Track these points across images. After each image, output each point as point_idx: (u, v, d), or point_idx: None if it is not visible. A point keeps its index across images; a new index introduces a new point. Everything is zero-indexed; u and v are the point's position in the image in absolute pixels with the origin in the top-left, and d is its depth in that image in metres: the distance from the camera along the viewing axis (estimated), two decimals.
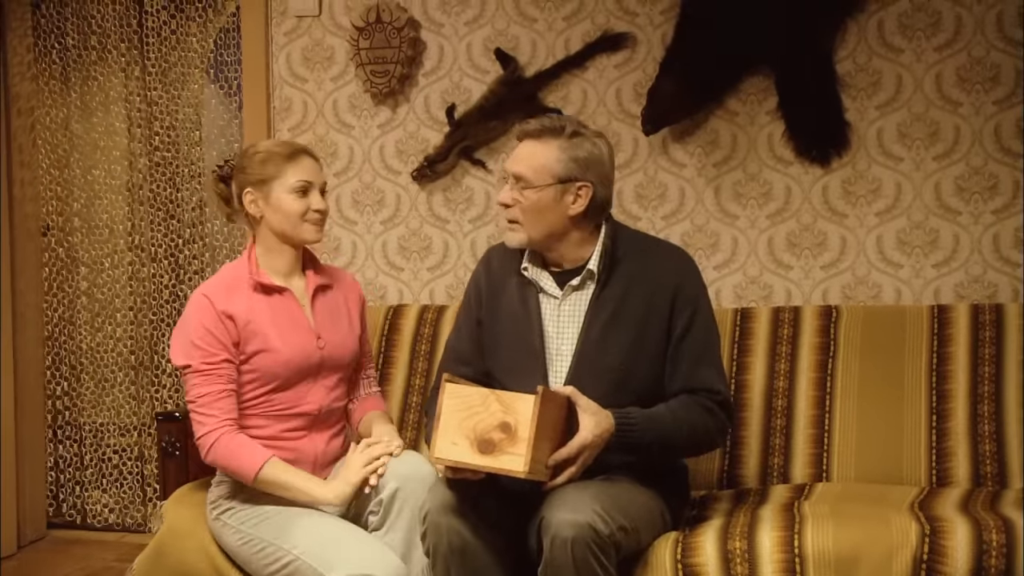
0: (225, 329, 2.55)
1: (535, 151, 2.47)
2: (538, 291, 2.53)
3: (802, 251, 3.30)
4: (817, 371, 2.97)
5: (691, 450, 2.57)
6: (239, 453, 2.50)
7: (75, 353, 4.44)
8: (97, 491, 4.42)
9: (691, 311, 2.49)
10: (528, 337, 2.50)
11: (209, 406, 2.52)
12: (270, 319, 2.59)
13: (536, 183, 2.45)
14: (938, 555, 2.30)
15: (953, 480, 2.79)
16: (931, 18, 3.17)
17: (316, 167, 2.66)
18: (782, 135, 3.28)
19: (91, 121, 4.41)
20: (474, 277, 2.70)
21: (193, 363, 2.54)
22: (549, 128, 2.47)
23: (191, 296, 2.65)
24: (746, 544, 2.38)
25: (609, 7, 3.41)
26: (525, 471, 2.16)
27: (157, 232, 4.31)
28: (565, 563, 2.18)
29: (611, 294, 2.48)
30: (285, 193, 2.60)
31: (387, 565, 2.38)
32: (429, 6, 3.59)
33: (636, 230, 2.73)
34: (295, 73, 3.74)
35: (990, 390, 2.84)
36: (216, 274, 2.73)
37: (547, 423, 2.22)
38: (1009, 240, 3.14)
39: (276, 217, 2.61)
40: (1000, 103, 3.13)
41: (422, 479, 2.45)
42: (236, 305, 2.58)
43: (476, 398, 2.24)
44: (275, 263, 2.66)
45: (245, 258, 2.68)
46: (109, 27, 4.30)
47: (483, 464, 2.20)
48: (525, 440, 2.17)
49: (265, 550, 2.49)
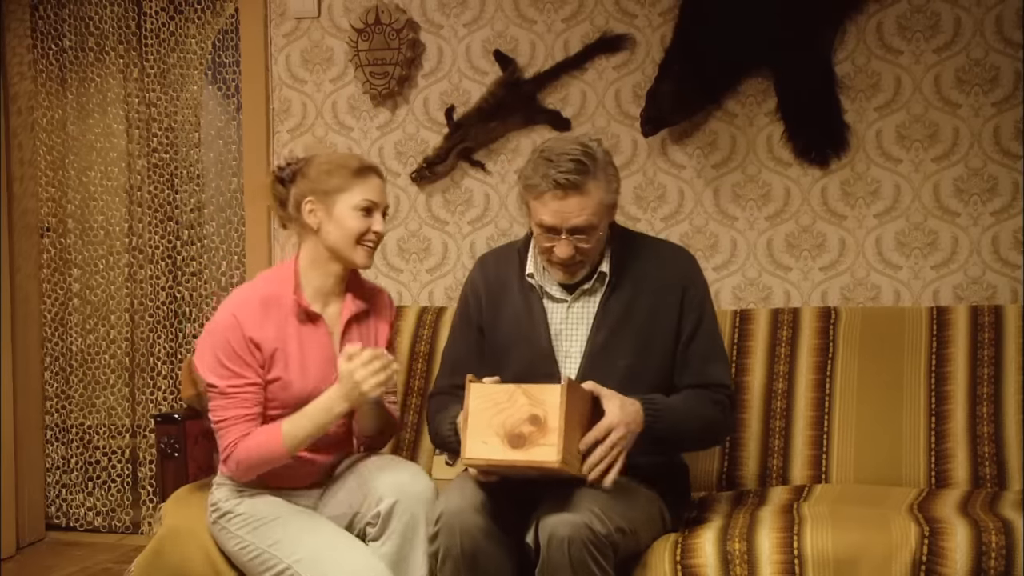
0: (251, 354, 2.49)
1: (583, 202, 2.37)
2: (541, 296, 2.53)
3: (801, 252, 3.30)
4: (816, 372, 2.97)
5: (700, 442, 2.59)
6: (259, 445, 2.46)
7: (67, 355, 4.43)
8: (82, 494, 4.40)
9: (699, 311, 2.51)
10: (537, 341, 2.49)
11: (229, 429, 2.49)
12: (297, 348, 2.53)
13: (600, 224, 2.42)
14: (937, 557, 2.30)
15: (952, 481, 2.79)
16: (930, 20, 3.17)
17: (382, 188, 2.59)
18: (781, 137, 3.28)
19: (88, 122, 4.41)
20: (470, 285, 2.66)
21: (219, 384, 2.49)
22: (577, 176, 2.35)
23: (223, 305, 2.56)
24: (745, 546, 2.37)
25: (608, 9, 3.42)
26: (559, 460, 2.13)
27: (155, 234, 4.31)
28: (562, 563, 2.17)
29: (620, 296, 2.48)
30: (349, 209, 2.52)
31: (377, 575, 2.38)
32: (428, 8, 3.59)
33: (636, 231, 2.74)
34: (294, 75, 3.74)
35: (989, 392, 2.84)
36: (251, 285, 2.63)
37: (575, 413, 2.20)
38: (1008, 241, 3.14)
39: (335, 232, 2.53)
40: (999, 105, 3.13)
41: (418, 492, 2.45)
42: (266, 331, 2.50)
43: (502, 394, 2.22)
44: (317, 280, 2.58)
45: (287, 272, 2.60)
46: (107, 28, 4.30)
47: (516, 459, 2.17)
48: (556, 430, 2.14)
49: (260, 556, 2.48)
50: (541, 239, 2.44)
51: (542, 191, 2.37)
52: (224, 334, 2.49)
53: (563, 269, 2.46)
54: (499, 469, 2.24)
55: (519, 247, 2.62)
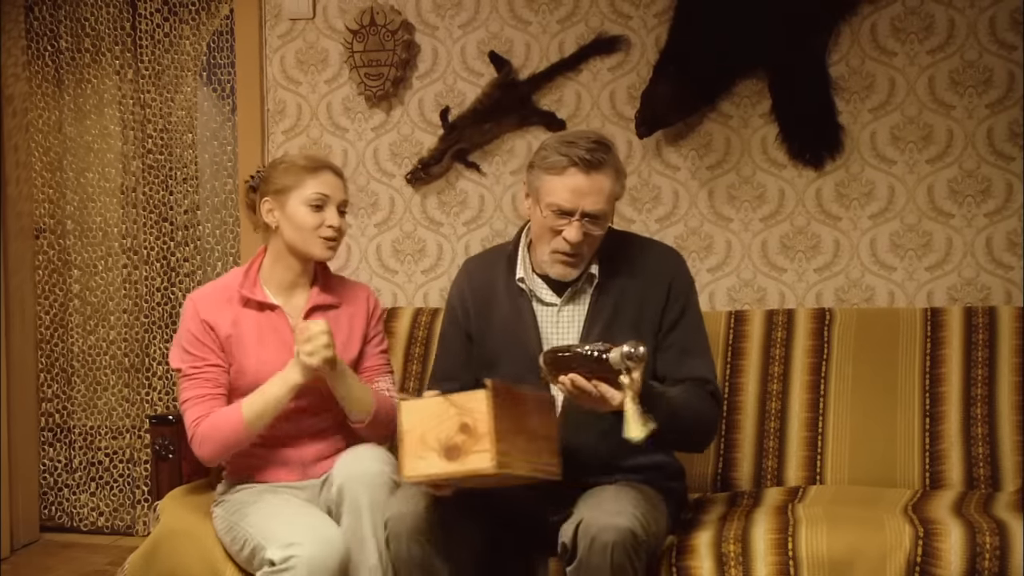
0: (208, 335, 2.61)
1: (601, 183, 2.35)
2: (531, 300, 2.50)
3: (796, 254, 3.31)
4: (811, 374, 2.98)
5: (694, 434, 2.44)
6: (219, 424, 2.54)
7: (67, 356, 4.43)
8: (85, 495, 4.41)
9: (683, 303, 2.48)
10: (528, 346, 2.45)
11: (192, 408, 2.58)
12: (255, 337, 2.62)
13: (608, 215, 2.40)
14: (932, 558, 2.30)
15: (947, 483, 2.80)
16: (924, 21, 3.18)
17: (337, 183, 2.65)
18: (776, 138, 3.29)
19: (84, 124, 4.40)
20: (456, 292, 2.64)
21: (183, 367, 2.61)
22: (601, 155, 2.34)
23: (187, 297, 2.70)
24: (740, 547, 2.38)
25: (603, 10, 3.42)
26: (493, 465, 2.09)
27: (150, 235, 4.31)
28: (602, 566, 2.16)
29: (609, 297, 2.47)
30: (301, 205, 2.60)
31: (315, 539, 2.39)
32: (423, 9, 3.59)
33: (624, 231, 2.72)
34: (289, 76, 3.74)
35: (983, 393, 2.84)
36: (215, 280, 2.74)
37: (507, 415, 2.16)
38: (1002, 243, 3.14)
39: (289, 228, 2.61)
40: (993, 106, 3.14)
41: (359, 475, 2.46)
42: (220, 317, 2.62)
43: (432, 408, 2.20)
44: (279, 275, 2.67)
45: (245, 268, 2.70)
46: (103, 30, 4.29)
47: (453, 470, 2.14)
48: (486, 435, 2.11)
49: (236, 534, 2.54)
50: (550, 222, 2.37)
51: (564, 166, 2.34)
52: (185, 322, 2.64)
53: (565, 261, 2.41)
54: (446, 482, 2.21)
55: (508, 252, 2.58)
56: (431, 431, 2.17)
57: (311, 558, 2.35)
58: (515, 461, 2.15)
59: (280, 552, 2.37)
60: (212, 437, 2.54)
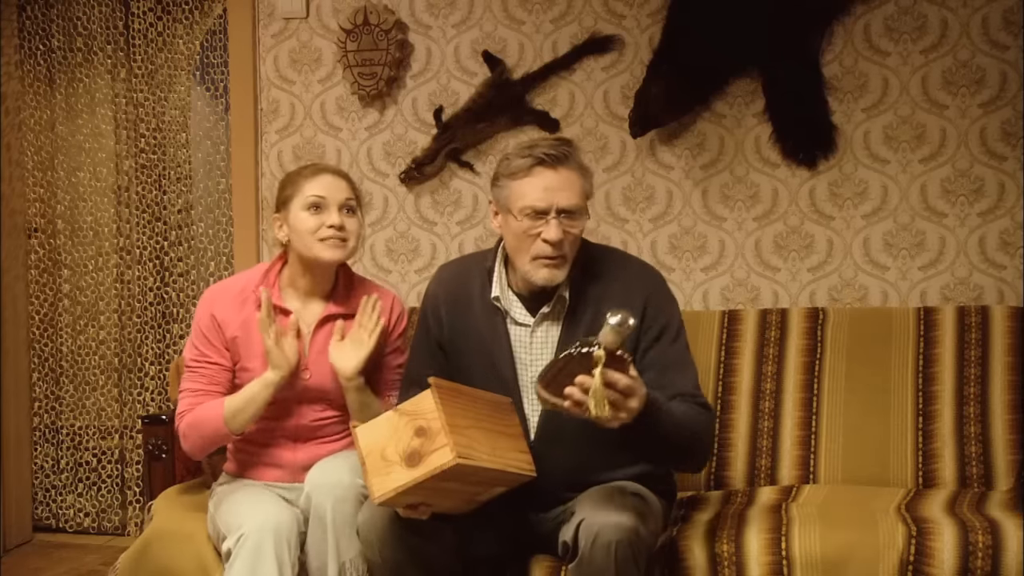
0: (215, 333, 2.62)
1: (571, 178, 2.34)
2: (505, 319, 2.45)
3: (789, 253, 3.31)
4: (804, 373, 2.98)
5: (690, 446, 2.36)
6: (202, 418, 2.57)
7: (56, 356, 4.41)
8: (72, 495, 4.39)
9: (661, 323, 2.40)
10: (500, 368, 2.42)
11: (183, 401, 2.61)
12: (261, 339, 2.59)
13: (583, 211, 2.37)
14: (925, 556, 2.30)
15: (939, 482, 2.80)
16: (917, 21, 3.18)
17: (336, 184, 2.62)
18: (769, 138, 3.29)
19: (77, 123, 4.39)
20: (429, 301, 2.58)
21: (188, 360, 2.65)
22: (565, 149, 2.35)
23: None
24: (734, 547, 2.38)
25: (597, 10, 3.42)
26: (454, 456, 2.08)
27: (143, 234, 4.30)
28: (605, 565, 2.14)
29: (582, 319, 2.40)
30: (300, 210, 2.59)
31: (256, 521, 2.40)
32: (417, 8, 3.59)
33: (603, 245, 2.66)
34: (282, 75, 3.73)
35: (976, 392, 2.85)
36: (238, 275, 2.76)
37: (465, 412, 2.16)
38: (995, 242, 3.15)
39: (295, 237, 2.60)
40: (986, 106, 3.14)
41: (325, 485, 2.45)
42: (231, 317, 2.63)
43: (385, 425, 2.21)
44: (295, 282, 2.68)
45: (264, 268, 2.70)
46: (95, 29, 4.29)
47: (419, 475, 2.12)
48: (440, 430, 2.11)
49: (216, 526, 2.56)
50: (526, 227, 2.33)
51: (531, 166, 2.33)
52: (198, 315, 2.67)
53: (549, 264, 2.35)
54: (416, 494, 2.17)
55: (486, 266, 2.51)
56: (389, 446, 2.18)
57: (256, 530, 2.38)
58: (477, 454, 2.14)
59: (231, 541, 2.41)
60: (194, 430, 2.58)
